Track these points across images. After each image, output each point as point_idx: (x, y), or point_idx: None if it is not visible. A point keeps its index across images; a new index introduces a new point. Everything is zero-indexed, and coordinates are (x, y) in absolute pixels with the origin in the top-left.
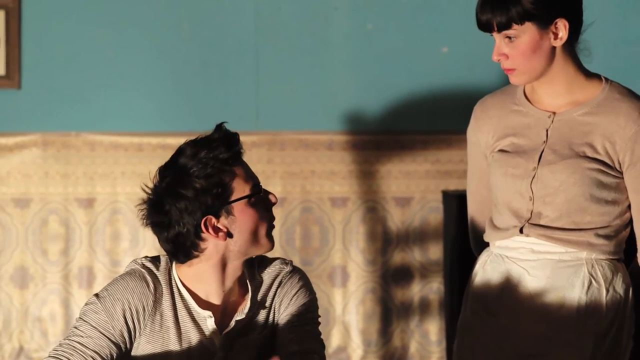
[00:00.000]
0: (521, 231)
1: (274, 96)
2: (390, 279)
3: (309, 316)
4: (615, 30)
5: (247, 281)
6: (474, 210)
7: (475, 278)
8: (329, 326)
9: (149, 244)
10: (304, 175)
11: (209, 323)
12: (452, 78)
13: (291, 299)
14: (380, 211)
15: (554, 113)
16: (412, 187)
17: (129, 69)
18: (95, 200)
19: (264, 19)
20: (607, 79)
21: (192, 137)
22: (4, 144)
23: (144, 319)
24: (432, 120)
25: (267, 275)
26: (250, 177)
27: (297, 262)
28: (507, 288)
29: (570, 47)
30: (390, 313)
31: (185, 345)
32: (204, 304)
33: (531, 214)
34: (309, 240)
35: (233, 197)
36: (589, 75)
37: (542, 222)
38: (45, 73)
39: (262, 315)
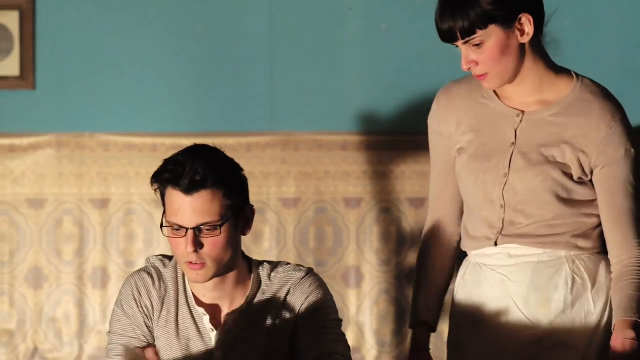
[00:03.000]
0: (495, 244)
1: (288, 97)
2: (404, 280)
3: (325, 319)
4: (629, 31)
5: (251, 282)
6: (440, 213)
7: (457, 291)
8: (343, 327)
9: (163, 244)
10: (318, 176)
11: (205, 321)
12: None
13: (302, 305)
14: (395, 212)
15: (523, 112)
16: (426, 187)
17: (143, 69)
18: (110, 201)
19: (278, 20)
20: (578, 76)
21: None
22: (19, 145)
23: (154, 315)
24: None
25: (277, 280)
26: (175, 214)
27: (311, 263)
28: (490, 297)
29: (538, 42)
30: (404, 313)
31: (184, 341)
32: (201, 303)
33: (503, 222)
34: (323, 241)
35: (165, 208)
36: (559, 71)
37: (515, 232)
38: (60, 74)
39: (267, 320)
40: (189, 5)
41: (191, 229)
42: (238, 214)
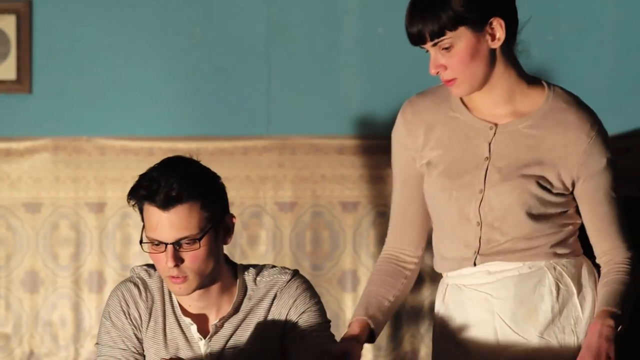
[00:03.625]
0: (474, 264)
1: (285, 101)
2: None
3: (314, 321)
4: (626, 35)
5: (236, 288)
6: (400, 233)
7: (437, 315)
8: (339, 330)
9: None
10: (314, 180)
11: (192, 330)
12: None
13: (290, 309)
14: None
15: (496, 124)
16: None
17: (139, 73)
18: (106, 205)
19: (275, 24)
20: (549, 84)
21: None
22: (15, 149)
23: (142, 326)
24: None
25: (263, 284)
26: (153, 229)
27: (307, 267)
28: (474, 317)
29: (509, 49)
30: (400, 317)
31: (173, 351)
32: (188, 312)
33: (480, 241)
34: (319, 244)
35: (144, 223)
36: (531, 80)
37: (493, 250)
38: (56, 78)
39: (255, 325)
40: (186, 9)
41: (170, 244)
42: (217, 224)
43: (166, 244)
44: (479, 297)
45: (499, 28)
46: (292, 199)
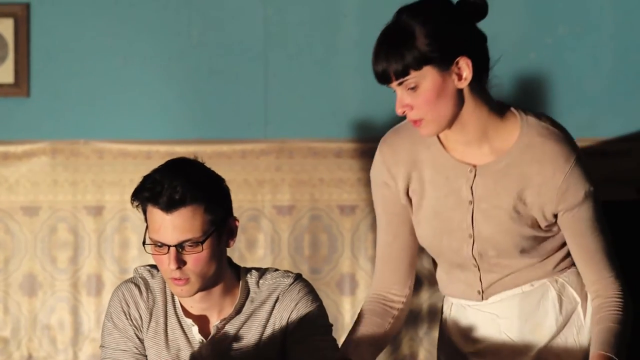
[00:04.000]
0: (481, 298)
1: (283, 104)
2: None
3: (316, 325)
4: (624, 37)
5: (239, 291)
6: (387, 274)
7: (444, 324)
8: (337, 334)
9: None
10: (312, 183)
11: (194, 331)
12: None
13: (291, 312)
14: None
15: (475, 166)
16: None
17: (137, 76)
18: (104, 208)
19: (273, 26)
20: (521, 113)
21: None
22: (13, 152)
23: (143, 326)
24: None
25: (266, 287)
26: (156, 231)
27: (305, 270)
28: (482, 334)
29: (480, 86)
30: None
31: (174, 352)
32: (189, 313)
33: (481, 280)
34: (317, 248)
35: (147, 224)
36: (503, 112)
37: (496, 287)
38: (54, 81)
39: (257, 328)
40: (184, 11)
41: (173, 246)
42: (221, 227)
43: (169, 246)
44: (485, 318)
45: (465, 67)
46: (290, 203)
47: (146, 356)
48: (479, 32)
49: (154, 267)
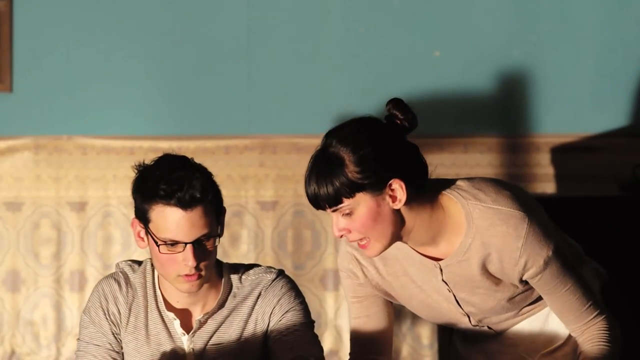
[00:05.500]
0: (472, 325)
1: (266, 100)
2: None
3: (298, 321)
4: (607, 34)
5: (222, 286)
6: (363, 339)
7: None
8: (321, 330)
9: None
10: (296, 179)
11: (175, 325)
12: (444, 82)
13: (274, 308)
14: None
15: (438, 261)
16: None
17: (121, 72)
18: (87, 204)
19: (257, 23)
20: (460, 199)
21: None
22: None
23: (121, 321)
24: (423, 124)
25: (248, 282)
26: (170, 230)
27: (289, 266)
28: (489, 348)
29: (417, 195)
30: None
31: (154, 346)
32: (172, 307)
33: (470, 319)
34: (301, 243)
35: (150, 225)
36: (445, 204)
37: (497, 326)
38: (37, 76)
39: (239, 323)
40: (167, 8)
41: (190, 243)
42: (222, 221)
43: (186, 243)
44: (492, 334)
45: (399, 190)
46: (274, 198)
47: (121, 353)
48: (410, 145)
49: (136, 262)
